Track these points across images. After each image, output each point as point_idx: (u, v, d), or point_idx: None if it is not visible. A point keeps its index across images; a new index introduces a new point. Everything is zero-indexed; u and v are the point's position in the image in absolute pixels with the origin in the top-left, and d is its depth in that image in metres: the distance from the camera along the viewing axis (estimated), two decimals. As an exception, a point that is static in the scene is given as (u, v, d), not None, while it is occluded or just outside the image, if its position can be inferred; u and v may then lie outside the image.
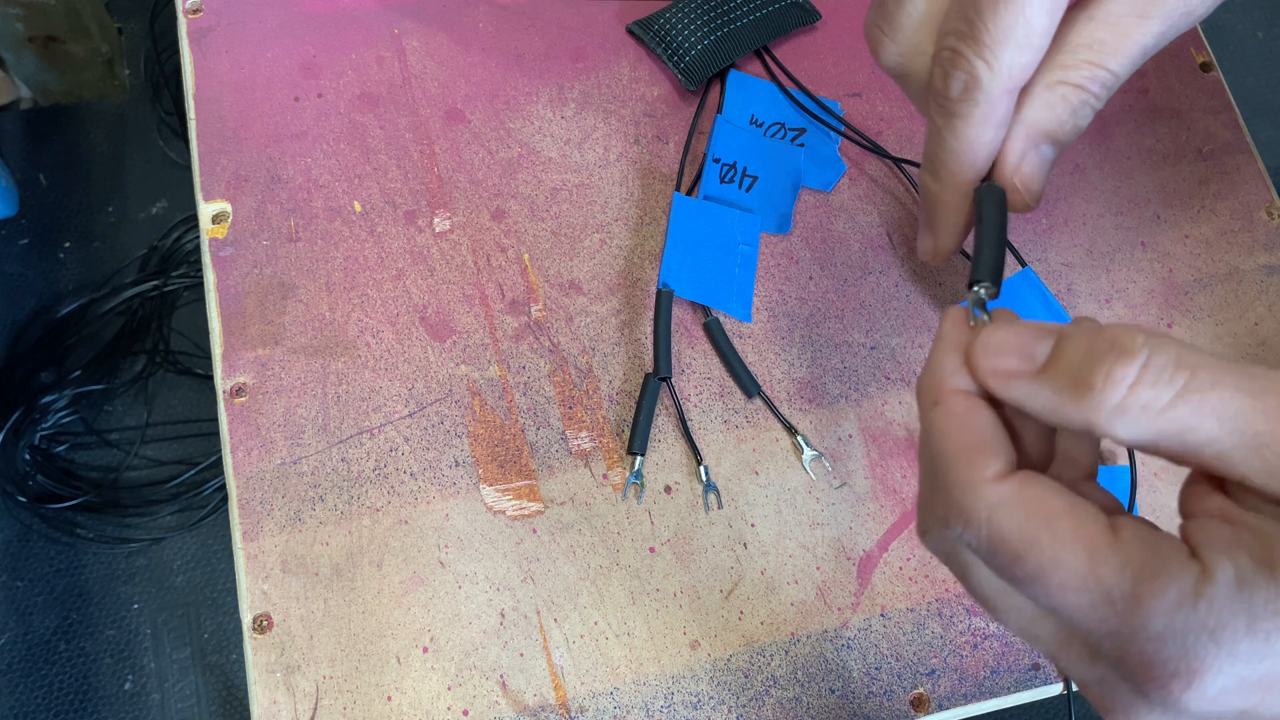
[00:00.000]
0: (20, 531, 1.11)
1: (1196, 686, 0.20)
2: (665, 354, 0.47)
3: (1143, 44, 0.29)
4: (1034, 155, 0.30)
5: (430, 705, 0.42)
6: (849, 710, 0.44)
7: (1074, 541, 0.21)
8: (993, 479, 0.22)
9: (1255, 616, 0.20)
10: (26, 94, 1.20)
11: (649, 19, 0.54)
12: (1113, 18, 0.28)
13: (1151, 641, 0.20)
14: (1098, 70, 0.29)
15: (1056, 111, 0.29)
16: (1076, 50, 0.29)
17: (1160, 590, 0.20)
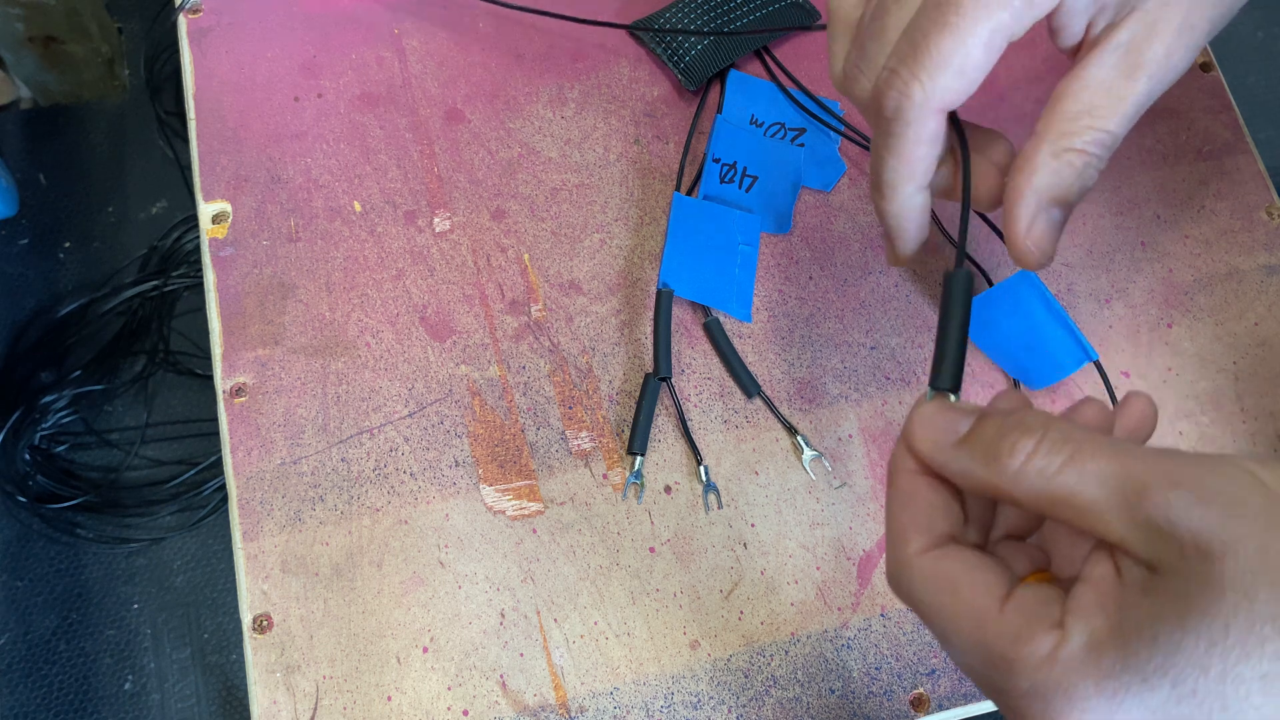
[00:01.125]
0: (20, 531, 1.11)
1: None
2: (665, 354, 0.47)
3: (1135, 102, 0.31)
4: (1043, 219, 0.32)
5: (430, 705, 0.42)
6: (849, 710, 0.44)
7: (968, 611, 0.25)
8: (916, 553, 0.26)
9: (1103, 676, 0.22)
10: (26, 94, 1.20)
11: (649, 19, 0.54)
12: (1103, 83, 0.31)
13: (1023, 698, 0.24)
14: (1098, 133, 0.31)
15: (1063, 177, 0.31)
16: (1076, 118, 0.31)
17: (1026, 654, 0.23)
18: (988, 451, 0.25)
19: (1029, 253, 0.32)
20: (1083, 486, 0.23)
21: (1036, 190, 0.31)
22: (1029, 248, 0.32)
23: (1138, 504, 0.23)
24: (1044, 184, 0.31)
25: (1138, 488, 0.23)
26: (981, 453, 0.25)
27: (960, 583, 0.25)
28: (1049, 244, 0.32)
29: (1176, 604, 0.22)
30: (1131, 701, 0.22)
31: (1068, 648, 0.23)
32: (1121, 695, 0.22)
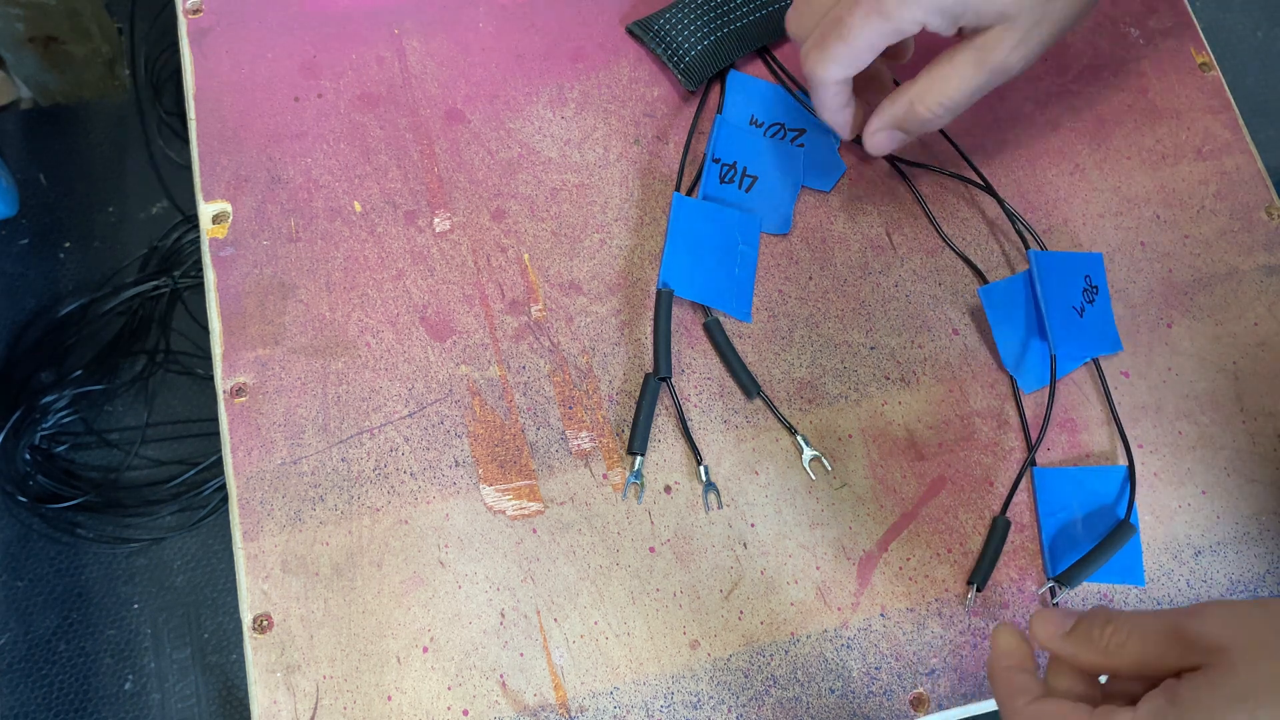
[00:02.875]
0: (20, 531, 1.11)
1: None
2: (665, 354, 0.47)
3: (975, 86, 0.44)
4: (885, 133, 0.46)
5: (430, 705, 0.42)
6: (849, 710, 0.44)
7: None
8: (1022, 705, 0.36)
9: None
10: (26, 94, 1.20)
11: (649, 19, 0.54)
12: (957, 66, 0.43)
13: None
14: (944, 99, 0.44)
15: (909, 116, 0.45)
16: (933, 83, 0.44)
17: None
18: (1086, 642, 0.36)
19: (870, 145, 0.47)
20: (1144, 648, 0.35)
21: (892, 114, 0.45)
22: (871, 142, 0.47)
23: (1177, 639, 0.33)
24: (896, 113, 0.45)
25: (1175, 630, 0.34)
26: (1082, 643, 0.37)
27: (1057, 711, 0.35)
28: (883, 145, 0.47)
29: (1209, 678, 0.32)
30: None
31: (1138, 715, 0.33)
32: None
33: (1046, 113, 0.55)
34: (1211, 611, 0.34)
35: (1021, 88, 0.56)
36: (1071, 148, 0.55)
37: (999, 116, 0.55)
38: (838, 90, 0.45)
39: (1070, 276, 0.50)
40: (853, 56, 0.43)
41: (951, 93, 0.43)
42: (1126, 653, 0.35)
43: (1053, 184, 0.54)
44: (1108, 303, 0.51)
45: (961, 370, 0.50)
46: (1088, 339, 0.50)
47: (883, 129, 0.46)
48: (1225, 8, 1.47)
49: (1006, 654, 0.39)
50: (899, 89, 0.45)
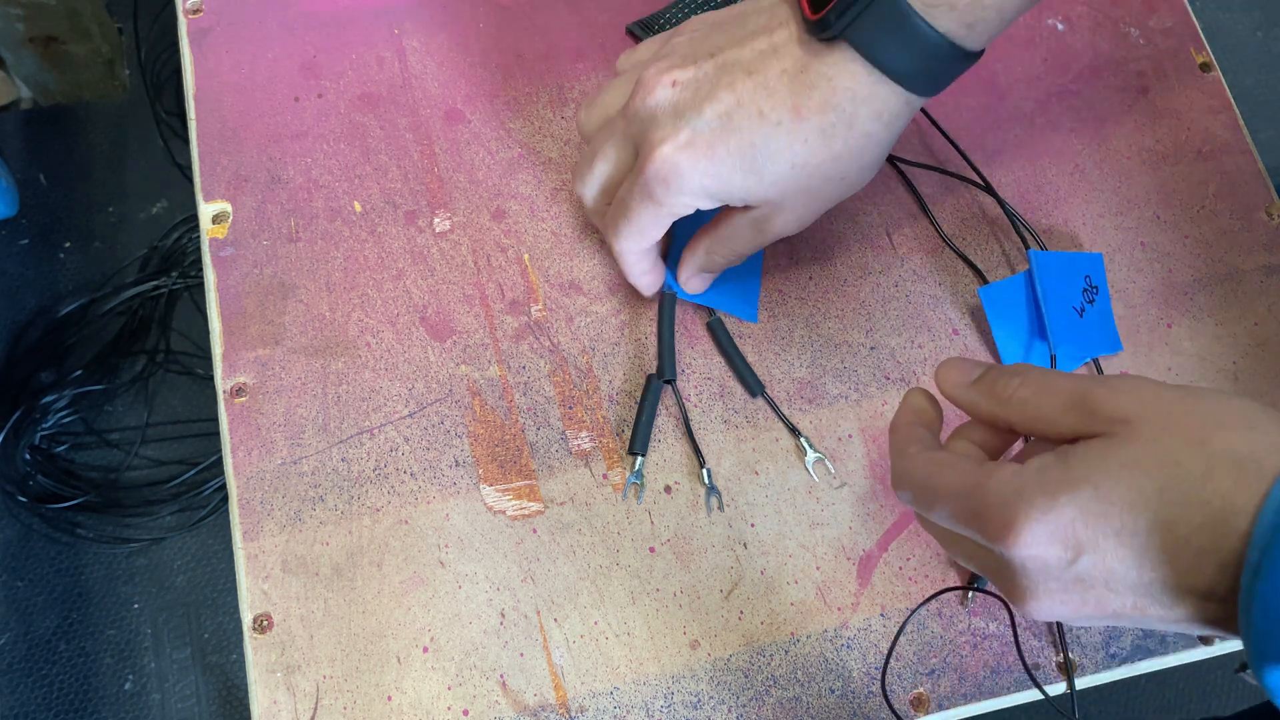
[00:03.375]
0: (20, 531, 1.11)
1: (1012, 533, 0.31)
2: (669, 356, 0.47)
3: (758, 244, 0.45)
4: (697, 278, 0.48)
5: (430, 705, 0.42)
6: (849, 710, 0.44)
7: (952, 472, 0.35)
8: (913, 453, 0.37)
9: (1046, 483, 0.31)
10: (26, 94, 1.20)
11: (649, 19, 0.54)
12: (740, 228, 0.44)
13: (989, 510, 0.32)
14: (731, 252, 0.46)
15: (709, 263, 0.47)
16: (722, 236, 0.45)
17: (995, 479, 0.33)
18: (988, 390, 0.36)
19: (688, 289, 0.48)
20: (1046, 403, 0.34)
21: (694, 264, 0.47)
22: (688, 288, 0.48)
23: (1080, 404, 0.33)
24: (698, 262, 0.47)
25: (1081, 394, 0.33)
26: (984, 391, 0.36)
27: (945, 460, 0.36)
28: (698, 287, 0.48)
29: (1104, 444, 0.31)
30: (1064, 499, 0.31)
31: (1024, 469, 0.32)
32: (1058, 494, 0.31)
33: (1046, 113, 0.55)
34: (1126, 384, 0.32)
35: (1021, 88, 0.56)
36: (1071, 148, 0.55)
37: (999, 116, 0.55)
38: (639, 258, 0.46)
39: (1070, 276, 0.50)
40: (640, 234, 0.44)
41: (738, 247, 0.45)
42: (1028, 407, 0.34)
43: (1053, 184, 0.54)
44: (1108, 303, 0.51)
45: (961, 370, 0.50)
46: (1088, 339, 0.50)
47: (693, 275, 0.48)
48: (1225, 8, 1.47)
49: (914, 410, 0.39)
50: (694, 238, 0.47)
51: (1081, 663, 0.46)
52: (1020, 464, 0.33)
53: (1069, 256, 0.50)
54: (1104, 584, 0.31)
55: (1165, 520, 0.29)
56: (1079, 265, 0.50)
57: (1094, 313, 0.50)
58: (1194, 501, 0.29)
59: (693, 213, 0.44)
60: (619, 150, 0.44)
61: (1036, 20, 0.57)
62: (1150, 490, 0.30)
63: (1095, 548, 0.30)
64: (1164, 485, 0.29)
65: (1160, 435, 0.30)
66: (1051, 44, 0.57)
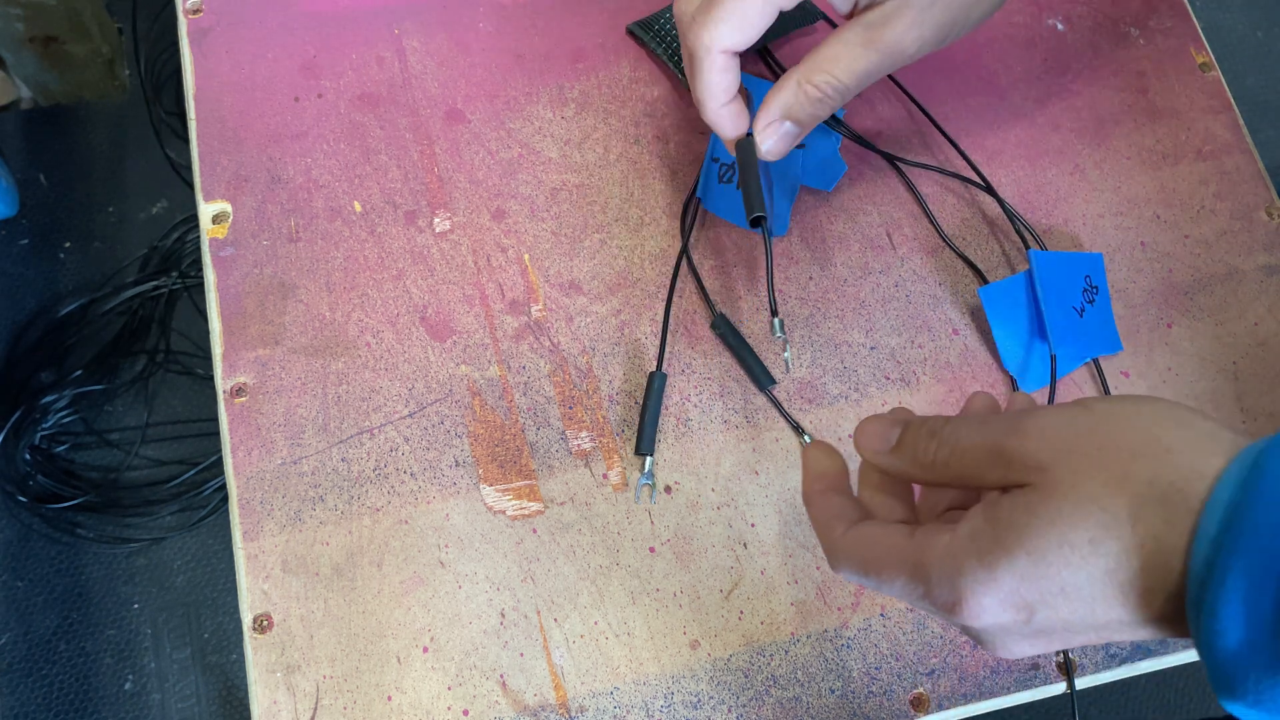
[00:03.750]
0: (20, 531, 1.11)
1: (966, 606, 0.30)
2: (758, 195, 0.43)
3: (865, 68, 0.41)
4: (777, 125, 0.43)
5: (430, 705, 0.42)
6: (849, 710, 0.44)
7: (887, 549, 0.33)
8: (840, 535, 0.35)
9: (982, 553, 0.30)
10: (26, 94, 1.20)
11: (649, 19, 0.54)
12: (847, 44, 0.41)
13: (935, 587, 0.31)
14: (832, 79, 0.41)
15: (799, 100, 0.42)
16: (821, 61, 0.41)
17: (932, 556, 0.31)
18: (910, 457, 0.34)
19: (761, 144, 0.43)
20: (965, 463, 0.33)
21: (779, 102, 0.42)
22: (761, 141, 0.43)
23: (998, 458, 0.31)
24: (784, 100, 0.42)
25: (994, 449, 0.32)
26: (906, 458, 0.35)
27: (876, 536, 0.34)
28: (777, 143, 0.43)
29: (1027, 499, 0.30)
30: (1003, 567, 0.30)
31: (957, 539, 0.31)
32: (994, 563, 0.30)
33: (1046, 113, 0.55)
34: (1030, 428, 0.31)
35: (1021, 88, 0.56)
36: (1071, 148, 0.55)
37: (999, 116, 0.55)
38: (725, 65, 0.41)
39: (1070, 276, 0.50)
40: (743, 16, 0.39)
41: (840, 72, 0.40)
42: (950, 470, 0.33)
43: (1053, 184, 0.54)
44: (1108, 303, 0.51)
45: (961, 370, 0.50)
46: (1088, 339, 0.50)
47: (771, 121, 0.42)
48: (1225, 8, 1.47)
49: (820, 476, 0.37)
50: (782, 76, 0.42)
51: (1081, 663, 0.46)
52: (953, 530, 0.32)
53: (1069, 256, 0.50)
54: (1064, 629, 0.30)
55: (1105, 571, 0.29)
56: (1079, 265, 0.50)
57: (1094, 313, 0.50)
58: (1127, 549, 0.28)
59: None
60: None
61: (1036, 20, 0.57)
62: (1082, 544, 0.29)
63: (1045, 605, 0.30)
64: (1093, 536, 0.29)
65: (1077, 480, 0.29)
66: (1051, 44, 0.57)
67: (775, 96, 0.42)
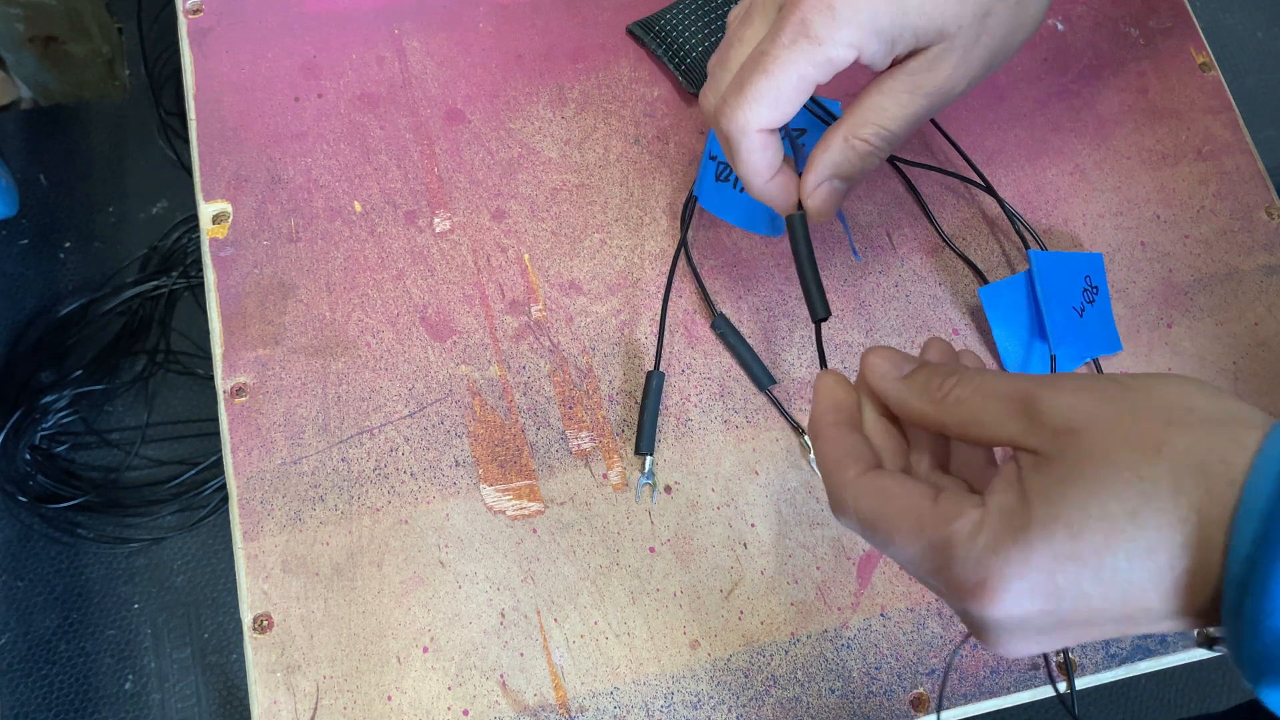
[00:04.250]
0: (20, 531, 1.11)
1: (989, 593, 0.28)
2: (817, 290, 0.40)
3: (914, 114, 0.39)
4: (825, 186, 0.40)
5: (430, 705, 0.42)
6: (849, 710, 0.44)
7: (906, 510, 0.30)
8: (854, 477, 0.32)
9: (1017, 530, 0.28)
10: (26, 94, 1.20)
11: (650, 19, 0.54)
12: (893, 94, 0.39)
13: (959, 565, 0.29)
14: (880, 130, 0.39)
15: (848, 157, 0.40)
16: (866, 113, 0.39)
17: (958, 528, 0.29)
18: (922, 388, 0.32)
19: (811, 207, 0.41)
20: (985, 406, 0.30)
21: (827, 163, 0.40)
22: (811, 203, 0.41)
23: (1023, 409, 0.29)
24: (832, 159, 0.40)
25: (1023, 397, 0.30)
26: (917, 388, 0.32)
27: (895, 491, 0.31)
28: (825, 205, 0.41)
29: (1059, 470, 0.28)
30: (1039, 546, 0.28)
31: (988, 515, 0.29)
32: (1032, 542, 0.28)
33: (1046, 113, 0.55)
34: (1070, 386, 0.29)
35: (1021, 88, 0.56)
36: (1071, 148, 0.55)
37: (999, 116, 0.55)
38: (764, 143, 0.39)
39: (1070, 276, 0.50)
40: (777, 93, 0.37)
41: (888, 121, 0.39)
42: (964, 409, 0.31)
43: (1053, 184, 0.54)
44: (1108, 303, 0.51)
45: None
46: (1088, 339, 0.50)
47: (821, 180, 0.40)
48: (1225, 8, 1.47)
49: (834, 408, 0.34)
50: (827, 132, 0.40)
51: (1081, 662, 0.46)
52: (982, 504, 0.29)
53: (1069, 256, 0.50)
54: (1086, 621, 0.29)
55: (1145, 549, 0.27)
56: (1079, 265, 0.50)
57: (1094, 313, 0.50)
58: (1170, 523, 0.26)
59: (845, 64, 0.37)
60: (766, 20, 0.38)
61: (1036, 20, 0.57)
62: (1121, 516, 0.27)
63: (1077, 592, 0.28)
64: (1133, 508, 0.27)
65: (1113, 446, 0.28)
66: (1051, 44, 0.57)
67: (822, 156, 0.39)
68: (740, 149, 0.39)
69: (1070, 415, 0.28)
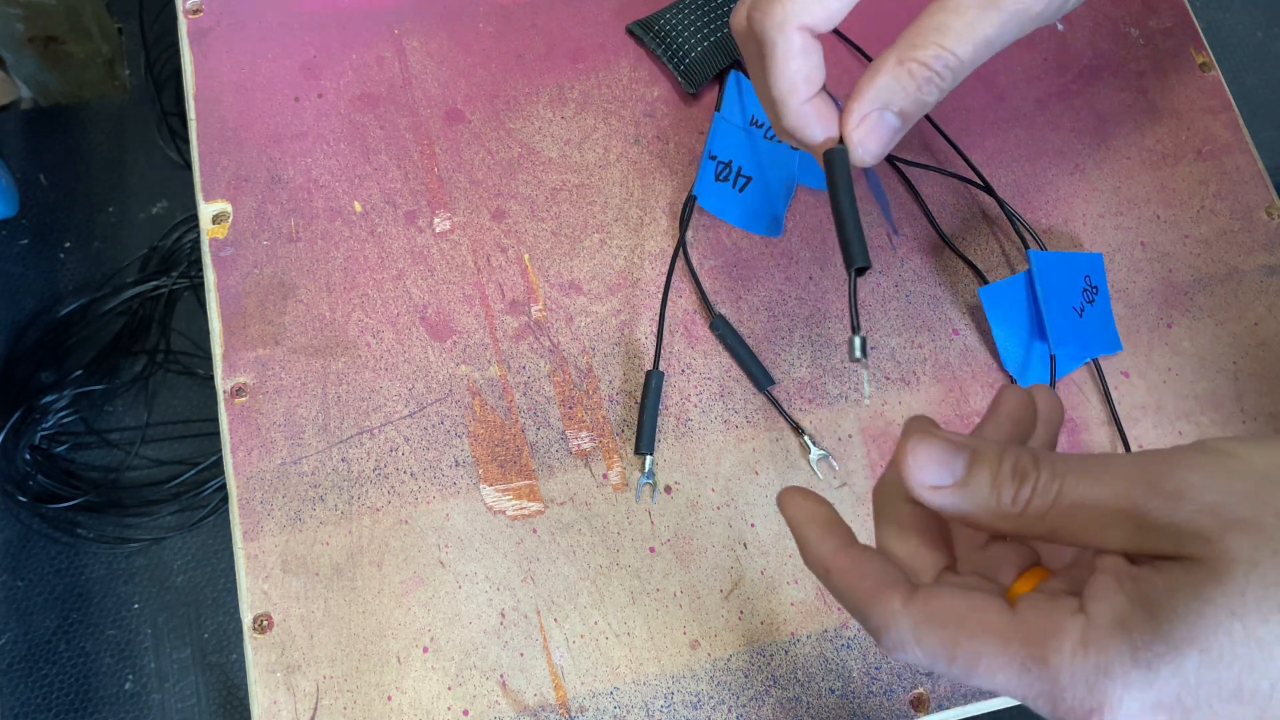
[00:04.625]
0: (20, 531, 1.11)
1: (1108, 713, 0.24)
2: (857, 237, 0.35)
3: (986, 33, 0.32)
4: (875, 117, 0.33)
5: (430, 705, 0.42)
6: (849, 710, 0.44)
7: (983, 631, 0.25)
8: (902, 607, 0.26)
9: (1136, 649, 0.24)
10: (26, 94, 1.20)
11: (649, 19, 0.54)
12: (961, 8, 0.32)
13: (1066, 690, 0.24)
14: (942, 52, 0.32)
15: (901, 83, 0.33)
16: (926, 32, 0.32)
17: (1058, 646, 0.24)
18: (987, 500, 0.26)
19: (854, 145, 0.34)
20: (1081, 519, 0.25)
21: (875, 88, 0.33)
22: (855, 140, 0.34)
23: (1133, 520, 0.25)
24: (882, 84, 0.33)
25: (1131, 509, 0.25)
26: (984, 504, 0.26)
27: (962, 610, 0.26)
28: (874, 142, 0.33)
29: (1191, 578, 0.24)
30: (1166, 670, 0.23)
31: (1095, 628, 0.24)
32: (1156, 665, 0.23)
33: (1046, 113, 0.55)
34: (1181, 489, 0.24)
35: (1021, 88, 0.56)
36: (1071, 148, 0.55)
37: (999, 116, 0.55)
38: (805, 46, 0.32)
39: (1070, 276, 0.50)
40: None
41: (953, 43, 0.31)
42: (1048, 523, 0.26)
43: (1053, 184, 0.54)
44: (1108, 303, 0.51)
45: (961, 370, 0.50)
46: (1088, 339, 0.50)
47: (867, 113, 0.33)
48: (1225, 8, 1.47)
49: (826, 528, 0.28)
50: (878, 58, 0.33)
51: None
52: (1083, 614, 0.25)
53: (1069, 256, 0.50)
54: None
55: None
56: (1079, 265, 0.50)
57: (1094, 313, 0.50)
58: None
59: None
60: None
61: (1036, 20, 0.57)
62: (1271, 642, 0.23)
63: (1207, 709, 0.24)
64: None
65: (1257, 555, 0.23)
66: (1051, 44, 0.57)
67: (869, 82, 0.33)
68: (776, 49, 0.32)
69: (1197, 525, 0.24)
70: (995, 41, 0.33)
